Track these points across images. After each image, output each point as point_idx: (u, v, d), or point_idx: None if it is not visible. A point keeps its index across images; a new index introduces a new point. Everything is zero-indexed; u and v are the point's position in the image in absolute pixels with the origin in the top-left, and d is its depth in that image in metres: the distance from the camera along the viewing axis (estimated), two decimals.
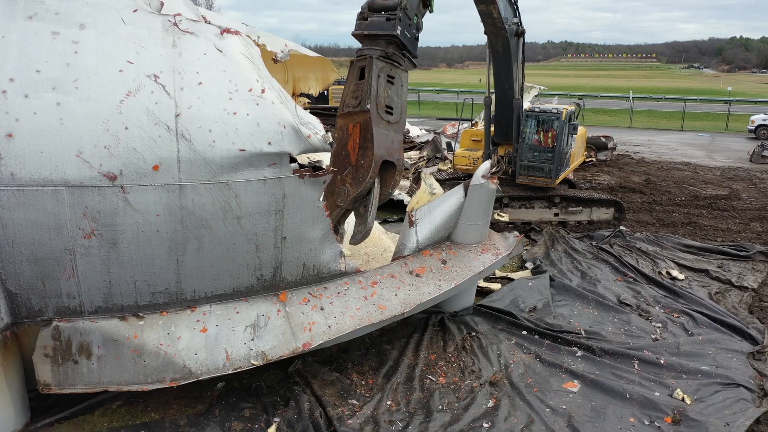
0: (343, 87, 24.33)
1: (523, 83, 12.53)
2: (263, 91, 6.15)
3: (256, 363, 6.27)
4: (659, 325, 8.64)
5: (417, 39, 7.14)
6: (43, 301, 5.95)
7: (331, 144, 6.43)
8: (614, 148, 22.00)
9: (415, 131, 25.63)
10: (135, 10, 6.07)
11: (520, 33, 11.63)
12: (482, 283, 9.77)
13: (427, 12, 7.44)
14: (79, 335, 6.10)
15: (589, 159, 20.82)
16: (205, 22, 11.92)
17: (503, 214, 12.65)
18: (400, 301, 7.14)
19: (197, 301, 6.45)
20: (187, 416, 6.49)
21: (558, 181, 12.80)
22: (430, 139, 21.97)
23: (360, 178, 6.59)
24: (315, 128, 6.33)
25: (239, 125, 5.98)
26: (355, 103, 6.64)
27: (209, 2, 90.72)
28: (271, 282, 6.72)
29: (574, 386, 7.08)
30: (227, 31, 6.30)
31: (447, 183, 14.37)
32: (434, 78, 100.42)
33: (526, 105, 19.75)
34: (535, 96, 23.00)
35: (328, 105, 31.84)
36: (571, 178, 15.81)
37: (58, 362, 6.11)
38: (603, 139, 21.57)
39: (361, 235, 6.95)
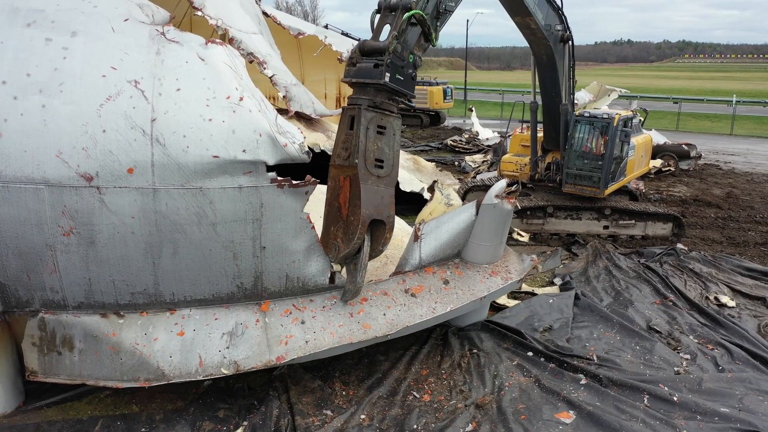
0: (420, 87, 24.29)
1: (573, 88, 11.80)
2: (241, 99, 6.14)
3: (226, 372, 6.28)
4: (687, 356, 7.83)
5: (414, 78, 6.68)
6: (29, 293, 6.26)
7: (307, 153, 6.30)
8: (698, 157, 20.29)
9: (487, 134, 25.01)
10: (126, 20, 6.26)
11: (566, 39, 10.95)
12: (500, 299, 9.30)
13: (429, 46, 7.07)
14: (63, 328, 6.38)
15: (667, 168, 19.36)
16: (275, 23, 12.19)
17: (523, 234, 11.98)
18: (387, 322, 6.87)
19: (177, 304, 6.53)
20: (164, 411, 6.62)
21: (608, 191, 11.95)
22: (497, 142, 21.32)
23: (350, 236, 6.39)
24: (293, 137, 6.24)
25: (214, 132, 6.00)
26: (345, 155, 6.36)
27: (314, 3, 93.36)
28: (252, 291, 6.68)
29: (568, 417, 6.56)
30: (212, 41, 6.35)
31: None
32: (526, 79, 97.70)
33: (603, 108, 18.75)
34: (615, 99, 21.79)
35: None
36: (638, 188, 14.80)
37: (44, 352, 6.43)
38: (685, 147, 19.96)
39: (351, 293, 6.76)
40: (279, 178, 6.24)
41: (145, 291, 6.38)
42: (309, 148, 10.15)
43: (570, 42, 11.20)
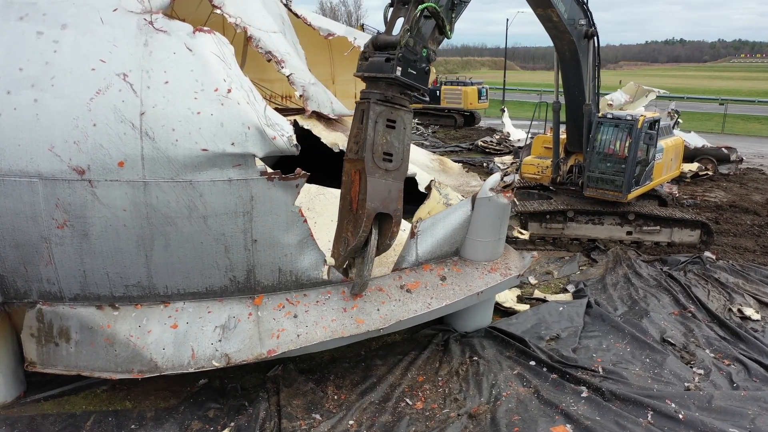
0: (454, 87, 24.15)
1: (597, 88, 11.39)
2: (229, 90, 6.08)
3: (217, 365, 6.25)
4: (701, 371, 7.42)
5: (427, 72, 6.54)
6: (27, 285, 6.34)
7: (296, 146, 6.21)
8: (739, 161, 19.41)
9: (519, 135, 24.51)
10: (115, 10, 6.26)
11: (590, 35, 10.57)
12: (507, 304, 9.03)
13: (444, 39, 6.89)
14: (60, 319, 6.44)
15: (704, 172, 18.58)
16: (305, 23, 12.16)
17: (524, 232, 11.61)
18: (381, 317, 6.75)
19: (170, 297, 6.54)
20: (156, 409, 6.61)
21: (631, 196, 11.48)
22: (527, 144, 20.85)
23: (357, 229, 6.32)
24: (282, 130, 6.16)
25: (203, 125, 5.97)
26: (356, 149, 6.32)
27: (357, 3, 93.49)
28: (245, 284, 6.65)
29: (564, 431, 6.28)
30: (200, 29, 6.30)
31: (516, 192, 13.56)
32: None
33: (640, 109, 18.14)
34: (653, 100, 21.07)
35: (439, 105, 31.53)
36: (671, 192, 14.23)
37: (42, 343, 6.50)
38: (725, 150, 19.10)
39: (358, 286, 6.72)
40: (269, 171, 6.17)
41: (138, 284, 6.40)
42: (329, 147, 10.13)
43: (595, 38, 10.81)
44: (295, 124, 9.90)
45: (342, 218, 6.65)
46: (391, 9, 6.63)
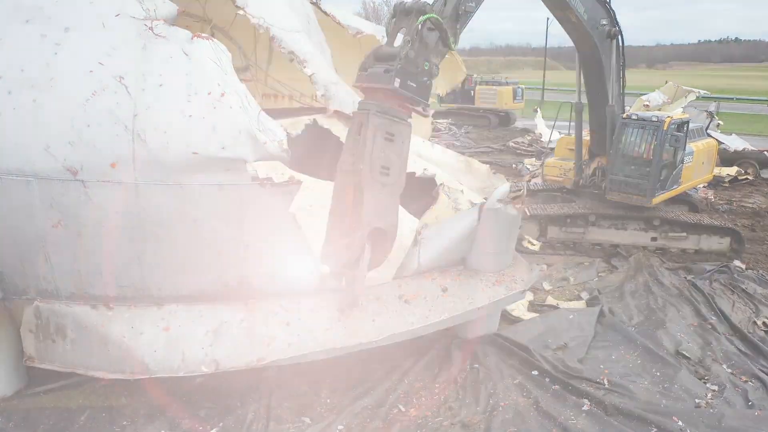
0: (489, 87, 23.80)
1: (622, 88, 11.00)
2: (222, 95, 6.07)
3: (206, 370, 6.24)
4: (715, 388, 7.05)
5: (429, 86, 6.36)
6: (25, 282, 6.46)
7: (286, 151, 6.14)
8: None
9: (552, 135, 23.93)
10: (117, 15, 6.32)
11: (613, 35, 10.21)
12: (516, 312, 8.77)
13: (447, 51, 6.68)
14: (56, 317, 6.53)
15: (744, 176, 17.79)
16: (334, 21, 12.12)
17: (534, 242, 11.24)
18: (376, 328, 6.60)
19: (164, 299, 6.55)
20: (150, 406, 6.62)
21: (656, 201, 11.03)
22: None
23: (350, 243, 6.18)
24: (274, 135, 6.11)
25: (194, 128, 5.97)
26: (351, 161, 6.15)
27: None
28: (238, 289, 6.60)
29: None
30: (198, 35, 6.31)
31: (539, 194, 13.26)
32: None
33: (678, 111, 17.52)
34: (692, 101, 20.32)
35: (473, 105, 31.17)
36: (706, 197, 13.68)
37: (40, 338, 6.61)
38: (767, 154, 18.28)
39: (346, 303, 6.58)
40: (260, 177, 6.13)
41: (132, 284, 6.45)
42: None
43: (618, 38, 10.45)
44: (314, 123, 9.89)
45: (331, 230, 6.47)
46: (394, 20, 6.49)
